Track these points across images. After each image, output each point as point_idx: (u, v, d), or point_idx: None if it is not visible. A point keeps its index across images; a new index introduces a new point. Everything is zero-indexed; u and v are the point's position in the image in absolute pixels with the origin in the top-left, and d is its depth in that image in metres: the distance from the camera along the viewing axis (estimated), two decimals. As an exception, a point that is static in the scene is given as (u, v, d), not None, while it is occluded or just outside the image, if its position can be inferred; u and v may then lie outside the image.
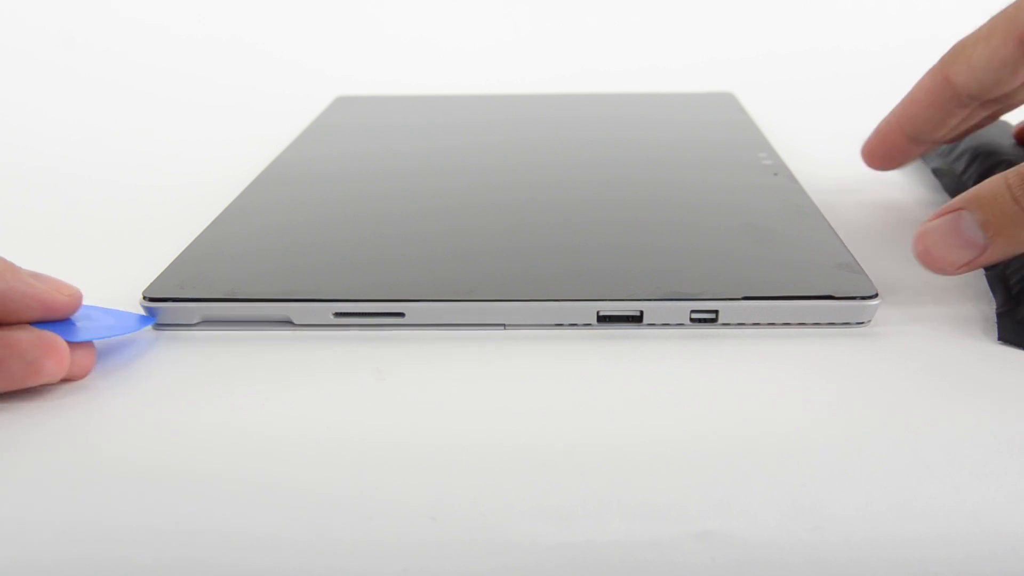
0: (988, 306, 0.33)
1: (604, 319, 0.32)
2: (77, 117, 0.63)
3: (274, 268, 0.35)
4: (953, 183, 0.43)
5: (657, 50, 0.77)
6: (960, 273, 0.31)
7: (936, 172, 0.45)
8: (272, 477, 0.24)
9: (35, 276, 0.29)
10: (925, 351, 0.30)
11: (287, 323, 0.32)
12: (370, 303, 0.32)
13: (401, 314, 0.32)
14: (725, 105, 0.58)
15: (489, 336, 0.32)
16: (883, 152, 0.41)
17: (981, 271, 0.34)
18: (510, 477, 0.24)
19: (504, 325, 0.32)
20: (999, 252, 0.30)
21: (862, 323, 0.32)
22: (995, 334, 0.31)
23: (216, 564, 0.22)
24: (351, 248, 0.37)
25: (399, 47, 0.78)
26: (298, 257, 0.36)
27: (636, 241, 0.37)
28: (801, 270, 0.34)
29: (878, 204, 0.43)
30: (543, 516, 0.23)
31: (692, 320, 0.32)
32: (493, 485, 0.24)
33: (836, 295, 0.32)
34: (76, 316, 0.30)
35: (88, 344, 0.29)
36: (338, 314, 0.32)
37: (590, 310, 0.32)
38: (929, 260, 0.31)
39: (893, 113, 0.40)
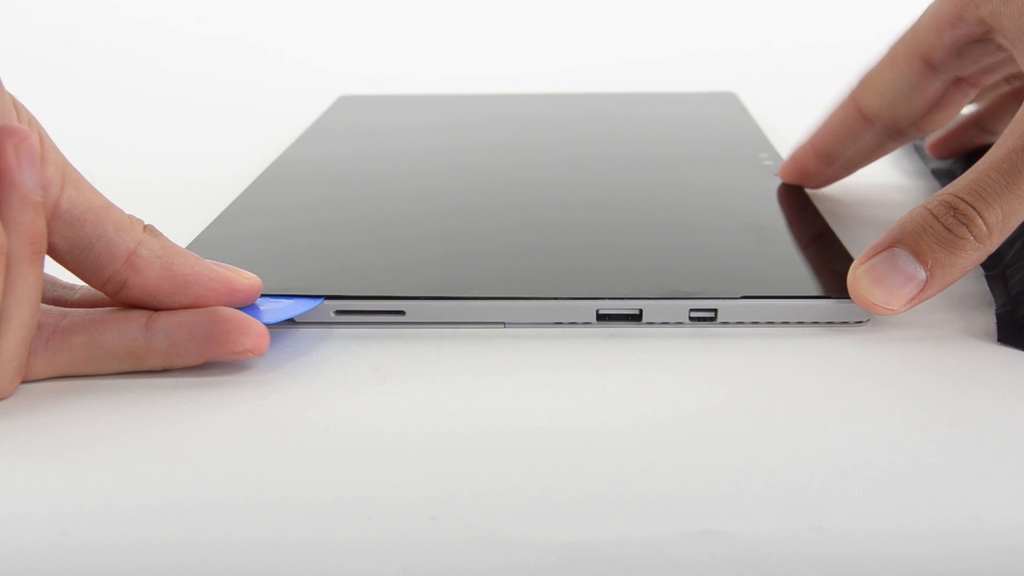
0: (988, 306, 0.33)
1: (603, 317, 0.32)
2: (76, 116, 0.63)
3: (275, 266, 0.35)
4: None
5: (658, 45, 0.77)
6: (905, 310, 0.30)
7: (935, 173, 0.45)
8: (271, 476, 0.24)
9: (216, 264, 0.30)
10: (924, 351, 0.30)
11: (287, 321, 0.32)
12: (370, 301, 0.32)
13: (401, 312, 0.32)
14: (727, 105, 0.58)
15: (489, 334, 0.32)
16: (795, 171, 0.42)
17: (981, 271, 0.34)
18: (510, 476, 0.24)
19: (504, 323, 0.32)
20: (938, 284, 0.30)
21: (861, 322, 0.32)
22: (995, 334, 0.31)
23: (215, 564, 0.22)
24: (352, 246, 0.37)
25: (401, 46, 0.78)
26: (299, 255, 0.36)
27: (636, 240, 0.37)
28: (800, 270, 0.34)
29: (877, 204, 0.43)
30: (543, 516, 0.23)
31: (691, 319, 0.32)
32: (493, 484, 0.24)
33: (835, 295, 0.32)
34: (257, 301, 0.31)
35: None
36: (339, 312, 0.32)
37: (589, 308, 0.32)
38: (870, 304, 0.30)
39: (808, 140, 0.41)
